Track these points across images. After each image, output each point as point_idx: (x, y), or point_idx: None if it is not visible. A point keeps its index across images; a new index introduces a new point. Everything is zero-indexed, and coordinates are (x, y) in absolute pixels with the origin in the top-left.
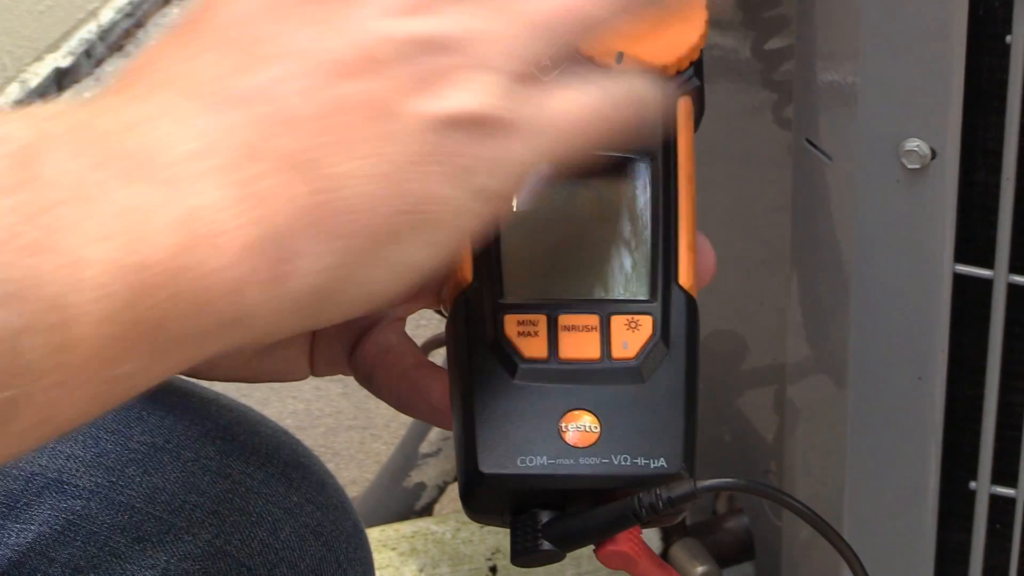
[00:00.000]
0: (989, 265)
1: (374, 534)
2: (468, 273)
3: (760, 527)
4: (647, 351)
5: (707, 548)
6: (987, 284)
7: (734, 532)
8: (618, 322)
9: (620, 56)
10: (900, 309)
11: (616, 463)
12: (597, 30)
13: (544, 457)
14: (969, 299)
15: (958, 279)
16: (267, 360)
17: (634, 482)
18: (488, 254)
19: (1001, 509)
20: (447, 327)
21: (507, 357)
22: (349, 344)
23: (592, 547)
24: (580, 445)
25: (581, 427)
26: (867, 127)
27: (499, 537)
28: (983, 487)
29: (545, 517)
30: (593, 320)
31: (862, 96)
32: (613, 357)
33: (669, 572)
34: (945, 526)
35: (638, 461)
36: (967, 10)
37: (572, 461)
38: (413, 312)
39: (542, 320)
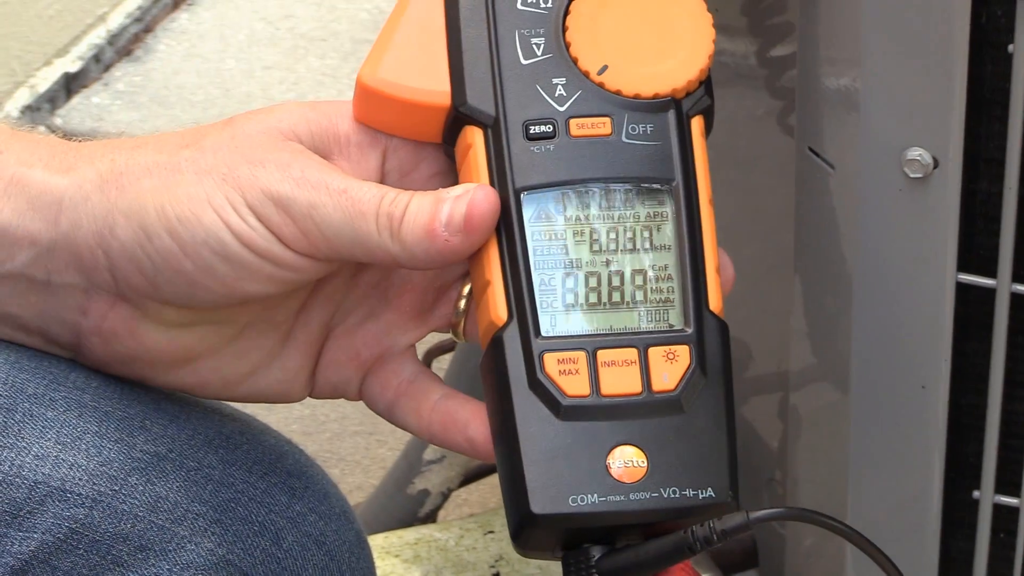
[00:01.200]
0: (992, 274)
1: (377, 541)
2: (502, 312)
3: (764, 535)
4: (686, 381)
5: (711, 556)
6: (990, 293)
7: (739, 541)
8: (656, 354)
9: (603, 68)
10: (903, 318)
11: (665, 496)
12: None
13: (595, 495)
14: (972, 308)
15: (961, 288)
16: (262, 380)
17: (684, 514)
18: (520, 291)
19: (1004, 518)
20: (483, 366)
21: (550, 396)
22: (360, 372)
23: None
24: (628, 480)
25: (628, 462)
26: (869, 136)
27: (502, 544)
28: (986, 496)
29: (597, 552)
30: (632, 354)
31: (864, 104)
32: (654, 390)
33: None
34: (948, 535)
35: (687, 493)
36: (969, 19)
37: (622, 497)
38: (422, 338)
39: (582, 357)
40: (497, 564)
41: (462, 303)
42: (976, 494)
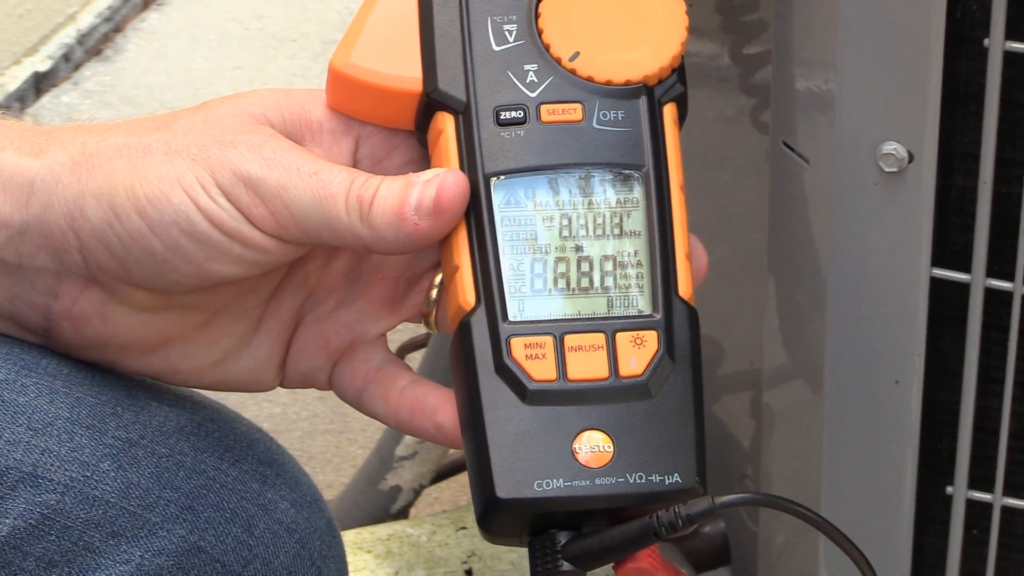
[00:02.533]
0: (966, 269)
1: (349, 537)
2: (470, 296)
3: (736, 532)
4: (654, 366)
5: (683, 554)
6: (964, 288)
7: (711, 538)
8: (624, 339)
9: (575, 55)
10: (877, 313)
11: (631, 481)
12: None
13: (560, 480)
14: (946, 303)
15: (935, 283)
16: (232, 367)
17: (650, 499)
18: (488, 276)
19: (978, 514)
20: (451, 351)
21: (516, 380)
22: (330, 360)
23: (612, 565)
24: (595, 465)
25: (594, 447)
26: (844, 130)
27: (475, 540)
28: (960, 492)
29: (563, 538)
30: (599, 339)
31: (839, 99)
32: (621, 375)
33: None
34: (922, 531)
35: (653, 478)
36: (945, 13)
37: (588, 482)
38: (394, 327)
39: (549, 341)
40: (469, 560)
41: (434, 292)
42: (950, 490)
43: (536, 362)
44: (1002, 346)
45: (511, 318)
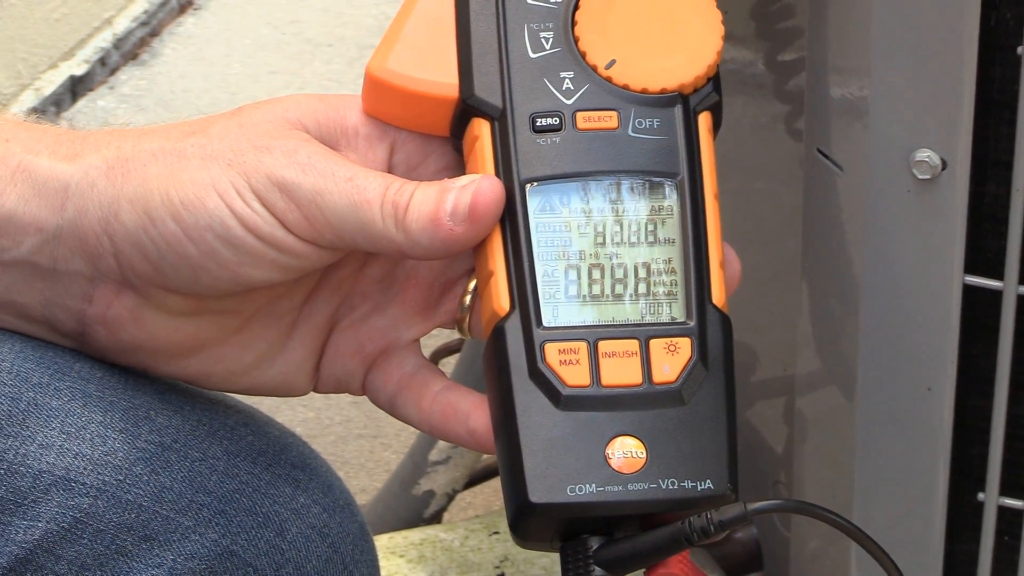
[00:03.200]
0: (999, 276)
1: (383, 541)
2: (504, 302)
3: (769, 538)
4: (687, 373)
5: (716, 559)
6: (997, 295)
7: (743, 543)
8: (657, 346)
9: (611, 63)
10: (910, 320)
11: (664, 487)
12: None
13: (593, 485)
14: (979, 310)
15: (968, 290)
16: (266, 372)
17: (683, 505)
18: (523, 282)
19: (1009, 521)
20: (485, 356)
21: (550, 386)
22: (364, 366)
23: (643, 571)
24: (627, 471)
25: (627, 453)
26: (878, 137)
27: (507, 545)
28: (991, 499)
29: (595, 543)
30: (633, 345)
31: (873, 106)
32: (654, 381)
33: None
34: (953, 537)
35: (685, 484)
36: (979, 21)
37: (620, 487)
38: (427, 333)
39: (583, 347)
40: (502, 565)
41: (467, 299)
42: (981, 496)
43: (570, 368)
44: None
45: (545, 324)
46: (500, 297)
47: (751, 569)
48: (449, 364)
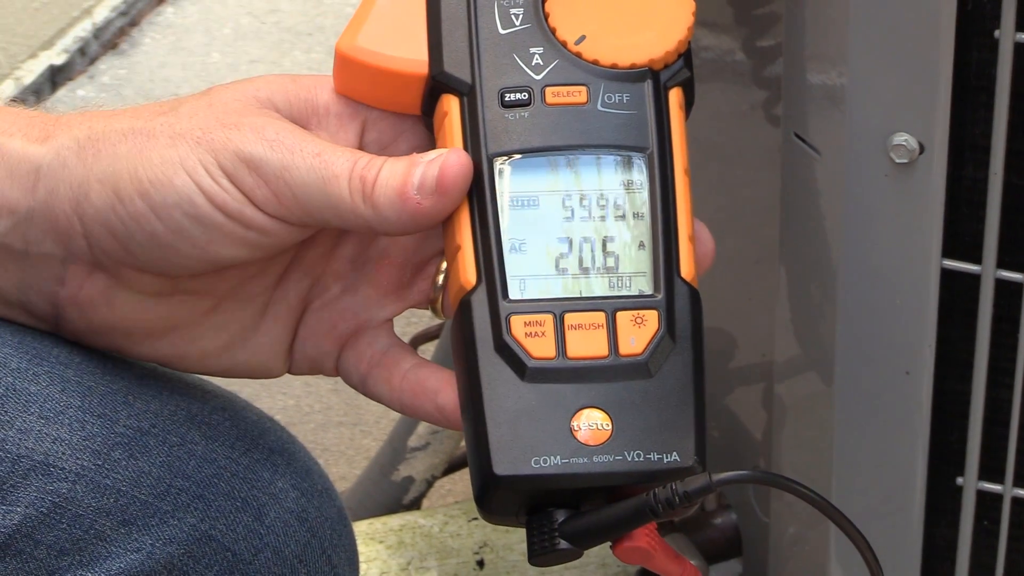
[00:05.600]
0: (977, 260)
1: (362, 527)
2: (471, 275)
3: (748, 524)
4: (654, 346)
5: (695, 544)
6: (975, 279)
7: (722, 529)
8: (624, 318)
9: (581, 38)
10: (888, 304)
11: (629, 459)
12: None
13: (558, 457)
14: (957, 294)
15: (946, 274)
16: (240, 353)
17: (648, 478)
18: (490, 256)
19: (988, 505)
20: (452, 330)
21: (515, 358)
22: (337, 346)
23: (609, 544)
24: (593, 443)
25: (593, 425)
26: (855, 121)
27: (487, 531)
28: (970, 483)
29: (561, 516)
30: (599, 318)
31: (851, 90)
32: (621, 353)
33: (684, 564)
34: (932, 522)
35: (651, 456)
36: (956, 4)
37: (586, 459)
38: (400, 313)
39: (549, 319)
40: (481, 551)
41: (440, 278)
42: (960, 481)
43: (535, 340)
44: (1012, 337)
45: (511, 297)
46: (467, 271)
47: (730, 555)
48: (428, 351)
